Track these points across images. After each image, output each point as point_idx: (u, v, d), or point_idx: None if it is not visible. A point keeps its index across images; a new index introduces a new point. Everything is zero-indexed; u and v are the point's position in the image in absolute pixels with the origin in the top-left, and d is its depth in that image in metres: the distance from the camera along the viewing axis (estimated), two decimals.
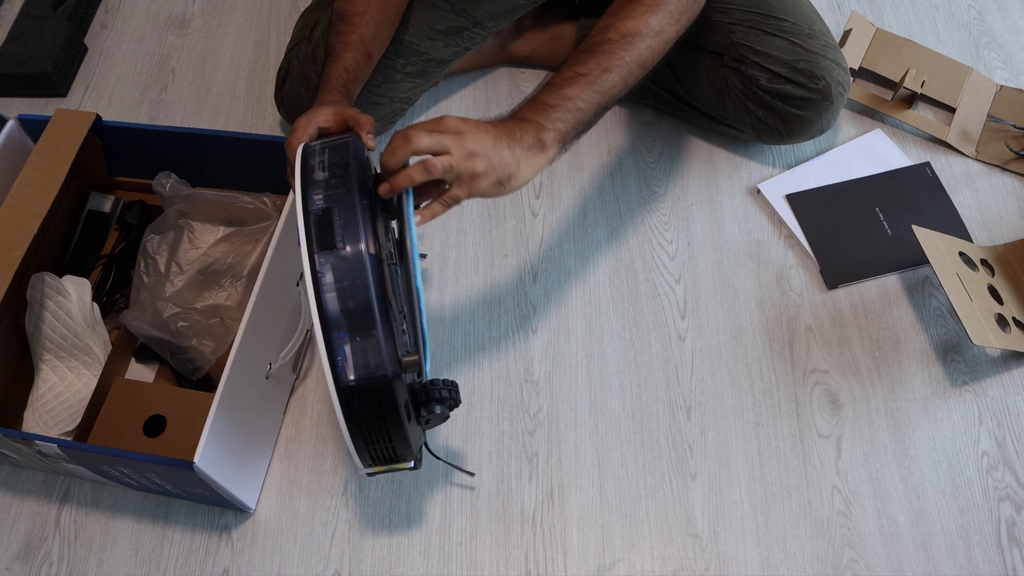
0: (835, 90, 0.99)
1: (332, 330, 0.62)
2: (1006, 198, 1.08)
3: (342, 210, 0.64)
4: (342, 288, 0.62)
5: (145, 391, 0.92)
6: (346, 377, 0.62)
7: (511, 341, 1.00)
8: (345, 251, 0.63)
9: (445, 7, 1.03)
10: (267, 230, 1.01)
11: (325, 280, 0.62)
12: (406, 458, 0.70)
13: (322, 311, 0.62)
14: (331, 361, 0.62)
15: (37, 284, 0.93)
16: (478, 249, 1.07)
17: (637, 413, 0.94)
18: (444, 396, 0.70)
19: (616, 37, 0.80)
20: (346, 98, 0.84)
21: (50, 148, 0.91)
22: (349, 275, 0.62)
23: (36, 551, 0.89)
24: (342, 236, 0.63)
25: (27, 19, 1.30)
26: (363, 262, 0.62)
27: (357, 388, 0.63)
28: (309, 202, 0.65)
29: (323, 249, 0.63)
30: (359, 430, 0.65)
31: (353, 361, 0.62)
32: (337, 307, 0.62)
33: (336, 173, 0.66)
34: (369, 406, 0.64)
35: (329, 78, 0.85)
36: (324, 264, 0.63)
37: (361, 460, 0.69)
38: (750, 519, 0.88)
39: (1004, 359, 0.97)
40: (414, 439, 0.70)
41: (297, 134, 0.76)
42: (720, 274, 1.04)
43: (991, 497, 0.88)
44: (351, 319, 0.62)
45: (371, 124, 0.76)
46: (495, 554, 0.87)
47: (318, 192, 0.65)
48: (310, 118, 0.77)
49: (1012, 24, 1.26)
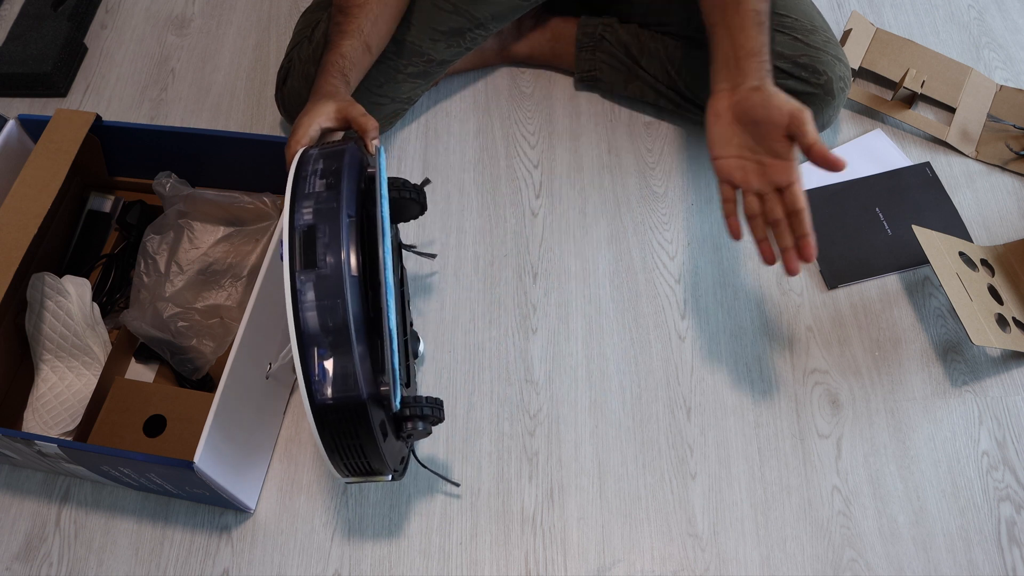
0: (837, 85, 1.00)
1: (310, 347, 0.62)
2: (1006, 198, 1.08)
3: (328, 227, 0.64)
4: (323, 307, 0.62)
5: (145, 391, 0.92)
6: (322, 394, 0.62)
7: (511, 341, 1.00)
8: (327, 270, 0.63)
9: (448, 8, 1.03)
10: (267, 230, 1.01)
11: (306, 298, 0.62)
12: (382, 472, 0.71)
13: (299, 328, 0.62)
14: (307, 378, 0.62)
15: (37, 284, 0.93)
16: (478, 249, 1.07)
17: (637, 413, 0.94)
18: (427, 414, 0.71)
19: None
20: (344, 84, 0.83)
21: (50, 148, 0.91)
22: (330, 294, 0.62)
23: (36, 551, 0.89)
24: (324, 255, 0.63)
25: (27, 19, 1.30)
26: (343, 282, 0.62)
27: (333, 407, 0.63)
28: (296, 216, 0.65)
29: (306, 267, 0.63)
30: (333, 444, 0.66)
31: (332, 379, 0.62)
32: (317, 325, 0.62)
33: (329, 184, 0.66)
34: (343, 423, 0.64)
35: (326, 63, 0.84)
36: (305, 282, 0.63)
37: (336, 471, 0.70)
38: (750, 519, 0.88)
39: (1004, 359, 0.97)
40: (392, 454, 0.71)
41: (297, 137, 0.75)
42: (720, 274, 1.04)
43: (991, 497, 0.88)
44: (330, 337, 0.62)
45: (375, 130, 0.76)
46: (495, 554, 0.87)
47: (307, 206, 0.65)
48: (312, 119, 0.76)
49: (1012, 24, 1.26)
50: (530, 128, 1.17)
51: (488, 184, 1.12)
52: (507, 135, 1.17)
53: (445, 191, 1.12)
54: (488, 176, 1.13)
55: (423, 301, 1.03)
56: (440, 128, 1.17)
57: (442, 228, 1.09)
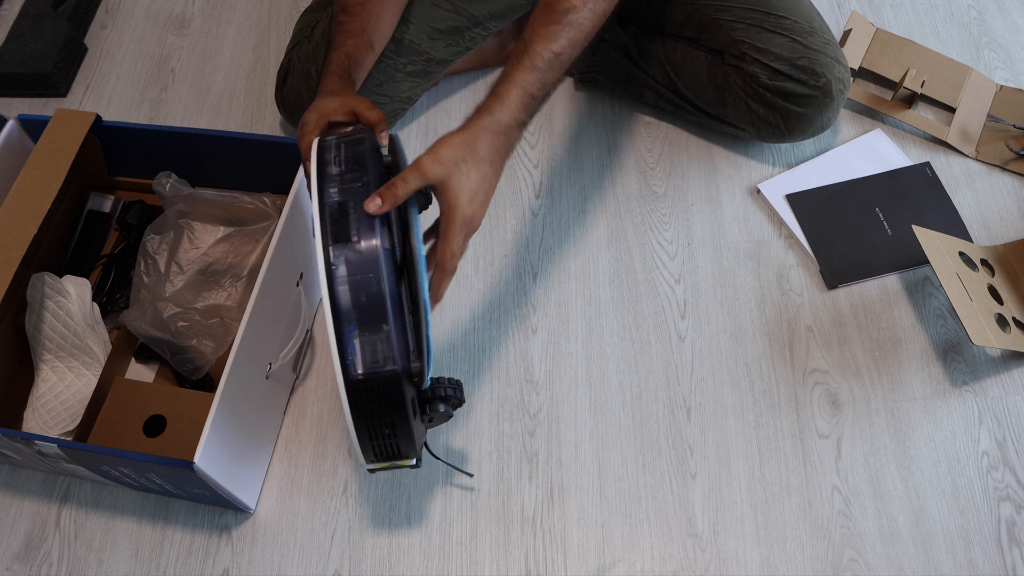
0: (836, 87, 1.00)
1: (343, 323, 0.62)
2: (1006, 198, 1.08)
3: (357, 204, 0.64)
4: (355, 281, 0.62)
5: (145, 391, 0.92)
6: (355, 371, 0.62)
7: (511, 341, 1.00)
8: (359, 244, 0.63)
9: (446, 7, 1.03)
10: (267, 230, 1.01)
11: (339, 273, 0.62)
12: (409, 455, 0.70)
13: (335, 304, 0.62)
14: (341, 354, 0.62)
15: (37, 284, 0.93)
16: (478, 249, 1.07)
17: (637, 413, 0.94)
18: (448, 395, 0.70)
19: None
20: (349, 83, 0.84)
21: (50, 148, 0.91)
22: (362, 269, 0.62)
23: (36, 551, 0.89)
24: (357, 229, 0.63)
25: (27, 19, 1.30)
26: (377, 256, 0.62)
27: (365, 382, 0.62)
28: (325, 195, 0.64)
29: (338, 242, 0.63)
30: (365, 425, 0.65)
31: (362, 355, 0.62)
32: (349, 300, 0.62)
33: (352, 168, 0.66)
34: (376, 401, 0.63)
35: (331, 64, 0.85)
36: (338, 256, 0.62)
37: (364, 456, 0.69)
38: (750, 519, 0.88)
39: (1004, 359, 0.97)
40: (418, 436, 0.70)
41: (308, 129, 0.76)
42: (720, 274, 1.04)
43: (991, 497, 0.88)
44: (362, 313, 0.62)
45: (382, 122, 0.76)
46: (495, 554, 0.87)
47: (334, 185, 0.65)
48: (319, 113, 0.77)
49: (1012, 24, 1.26)
50: (530, 128, 1.17)
51: None
52: None
53: None
54: None
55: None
56: (440, 128, 1.17)
57: None
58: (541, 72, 0.76)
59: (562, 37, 0.77)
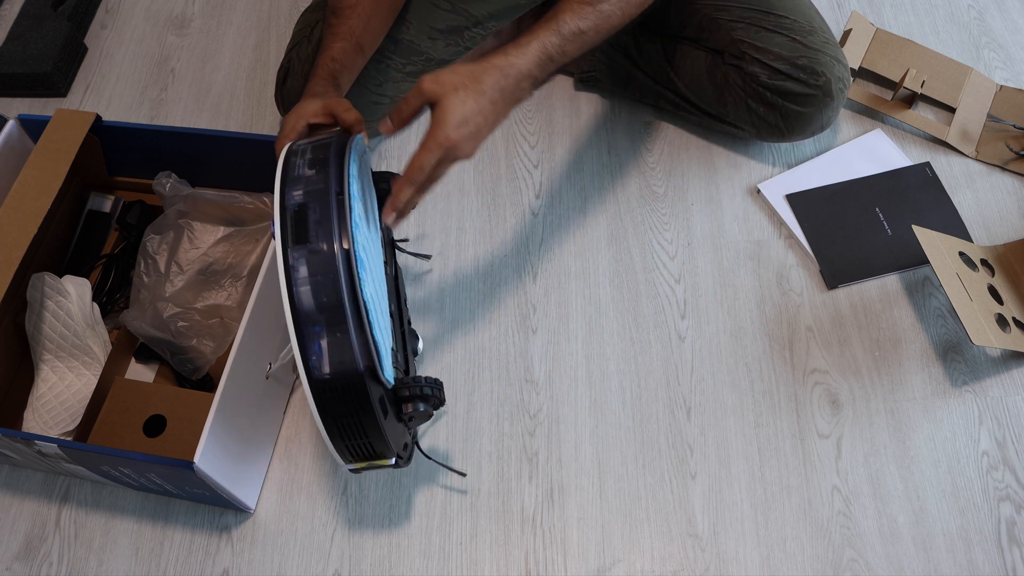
0: (835, 86, 1.00)
1: (306, 324, 0.62)
2: (1006, 198, 1.08)
3: (318, 206, 0.64)
4: (316, 282, 0.62)
5: (145, 391, 0.92)
6: (320, 371, 0.63)
7: (511, 341, 1.00)
8: (319, 246, 0.63)
9: (446, 6, 1.03)
10: (267, 230, 1.01)
11: (299, 275, 0.62)
12: (386, 455, 0.71)
13: (294, 305, 0.62)
14: (303, 355, 0.62)
15: (37, 284, 0.93)
16: (478, 249, 1.07)
17: (637, 413, 0.94)
18: (427, 394, 0.70)
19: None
20: (334, 87, 0.84)
21: (50, 148, 0.91)
22: (322, 270, 0.62)
23: (36, 551, 0.89)
24: (316, 231, 0.63)
25: (27, 19, 1.30)
26: (335, 257, 0.63)
27: (330, 383, 0.63)
28: (287, 198, 0.65)
29: (297, 243, 0.63)
30: (334, 425, 0.66)
31: (328, 356, 0.62)
32: (312, 301, 0.62)
33: (316, 168, 0.67)
34: (343, 401, 0.64)
35: (317, 67, 0.85)
36: (298, 258, 0.63)
37: (340, 456, 0.70)
38: (750, 519, 0.88)
39: (1004, 359, 0.97)
40: (394, 436, 0.70)
41: (285, 132, 0.77)
42: (720, 274, 1.04)
43: (991, 497, 0.88)
44: (325, 314, 0.62)
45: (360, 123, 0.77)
46: (495, 554, 0.87)
47: (297, 188, 0.66)
48: (298, 115, 0.78)
49: (1012, 24, 1.26)
50: (530, 128, 1.17)
51: (488, 184, 1.12)
52: (507, 135, 1.17)
53: (445, 191, 1.12)
54: (488, 176, 1.13)
55: (423, 301, 1.03)
56: None
57: (442, 228, 1.09)
58: (563, 39, 0.79)
59: (591, 17, 0.80)
